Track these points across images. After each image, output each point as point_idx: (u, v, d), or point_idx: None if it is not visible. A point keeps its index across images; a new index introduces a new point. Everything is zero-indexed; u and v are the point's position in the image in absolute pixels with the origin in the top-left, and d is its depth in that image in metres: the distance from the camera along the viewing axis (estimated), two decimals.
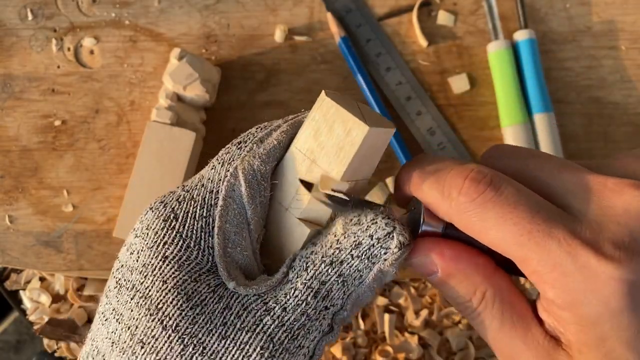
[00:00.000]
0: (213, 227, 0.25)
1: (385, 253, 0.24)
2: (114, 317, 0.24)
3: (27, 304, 0.51)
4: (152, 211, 0.25)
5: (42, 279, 0.51)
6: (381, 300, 0.50)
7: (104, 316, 0.25)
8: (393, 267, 0.24)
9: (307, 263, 0.24)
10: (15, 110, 0.48)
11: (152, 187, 0.44)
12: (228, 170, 0.25)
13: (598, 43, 0.50)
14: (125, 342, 0.23)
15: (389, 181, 0.48)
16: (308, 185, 0.26)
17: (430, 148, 0.48)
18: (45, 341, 0.50)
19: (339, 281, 0.24)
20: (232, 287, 0.24)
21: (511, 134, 0.47)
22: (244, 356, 0.23)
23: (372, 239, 0.24)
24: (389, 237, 0.23)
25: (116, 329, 0.24)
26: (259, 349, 0.23)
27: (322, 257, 0.24)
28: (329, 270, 0.24)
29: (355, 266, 0.24)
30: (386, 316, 0.50)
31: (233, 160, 0.26)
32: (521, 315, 0.25)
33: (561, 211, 0.23)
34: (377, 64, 0.49)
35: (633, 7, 0.50)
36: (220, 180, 0.25)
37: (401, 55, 0.50)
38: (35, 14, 0.49)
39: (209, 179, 0.26)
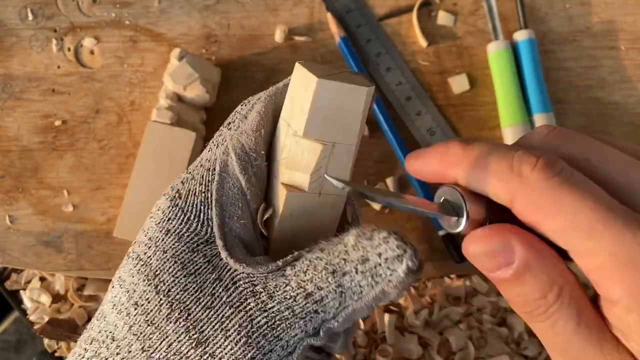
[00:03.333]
0: (211, 201, 0.26)
1: (390, 275, 0.23)
2: (118, 284, 0.26)
3: (28, 303, 0.51)
4: (164, 196, 0.28)
5: (42, 279, 0.51)
6: None
7: (111, 285, 0.27)
8: (396, 290, 0.23)
9: (308, 267, 0.24)
10: (15, 110, 0.48)
11: (152, 187, 0.44)
12: (221, 150, 0.27)
13: (598, 43, 0.50)
14: (123, 304, 0.25)
15: (389, 181, 0.48)
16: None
17: None
18: (46, 341, 0.50)
19: (337, 291, 0.24)
20: (225, 256, 0.25)
21: (511, 134, 0.47)
22: (222, 329, 0.24)
23: (380, 258, 0.23)
24: (398, 259, 0.23)
25: (118, 293, 0.26)
26: (237, 325, 0.24)
27: (326, 264, 0.24)
28: (329, 279, 0.24)
29: (358, 281, 0.23)
30: (386, 316, 0.50)
31: (225, 140, 0.28)
32: (593, 317, 0.22)
33: (628, 208, 0.21)
34: (377, 64, 0.49)
35: (633, 7, 0.50)
36: (216, 159, 0.27)
37: (401, 55, 0.50)
38: (35, 14, 0.49)
39: (207, 159, 0.28)
